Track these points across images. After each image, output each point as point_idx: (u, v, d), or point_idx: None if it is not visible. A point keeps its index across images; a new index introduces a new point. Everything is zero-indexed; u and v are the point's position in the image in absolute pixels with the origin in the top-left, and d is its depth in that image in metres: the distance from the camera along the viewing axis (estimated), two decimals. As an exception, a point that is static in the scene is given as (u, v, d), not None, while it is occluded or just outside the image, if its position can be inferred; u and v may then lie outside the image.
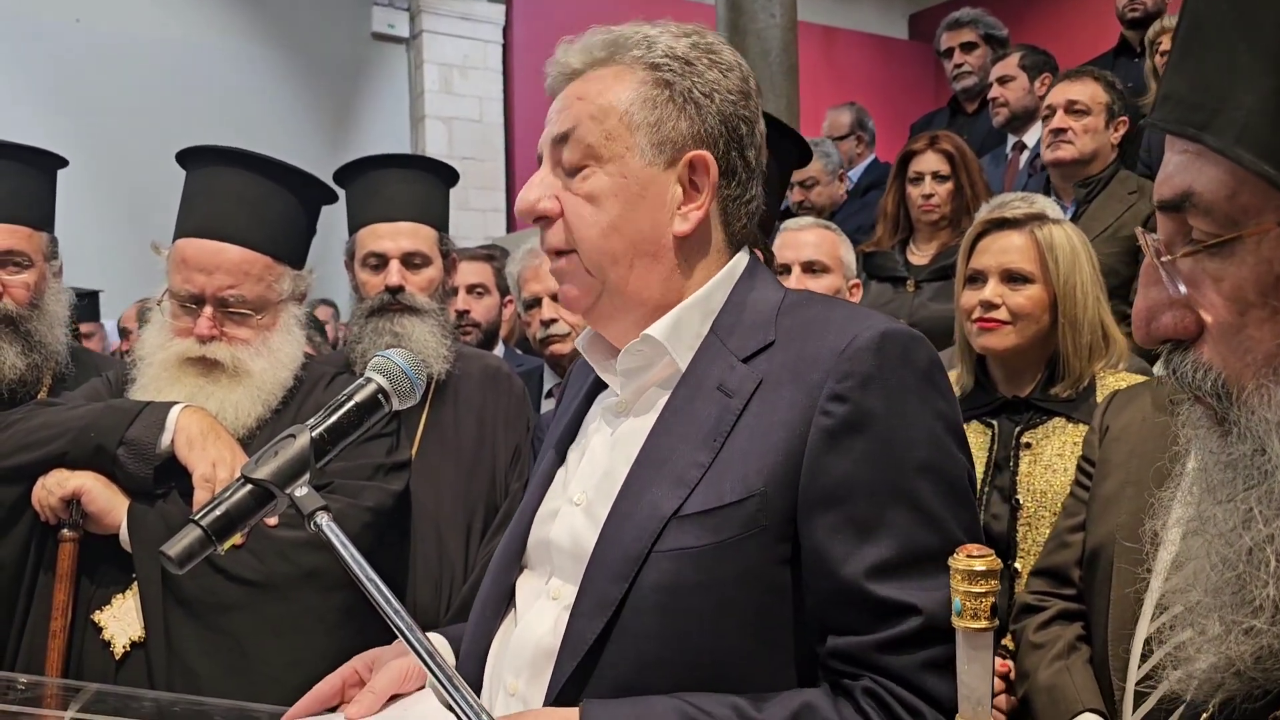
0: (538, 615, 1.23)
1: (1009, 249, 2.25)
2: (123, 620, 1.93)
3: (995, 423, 2.24)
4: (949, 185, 3.64)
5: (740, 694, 1.12)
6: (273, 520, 1.90)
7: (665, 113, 1.23)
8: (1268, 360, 0.78)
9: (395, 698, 1.31)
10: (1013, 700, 1.79)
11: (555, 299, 2.83)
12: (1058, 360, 2.23)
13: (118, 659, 1.91)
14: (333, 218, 2.43)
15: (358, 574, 1.06)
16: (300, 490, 1.10)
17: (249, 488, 1.10)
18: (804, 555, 1.15)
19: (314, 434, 1.13)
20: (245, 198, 2.13)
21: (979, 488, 2.13)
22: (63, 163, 2.61)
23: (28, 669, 1.90)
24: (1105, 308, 2.25)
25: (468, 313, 3.64)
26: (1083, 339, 2.20)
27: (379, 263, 2.56)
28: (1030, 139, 4.77)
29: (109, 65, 7.60)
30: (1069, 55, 5.42)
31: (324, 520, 1.08)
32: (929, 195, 3.64)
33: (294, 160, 2.24)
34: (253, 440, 2.05)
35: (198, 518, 1.08)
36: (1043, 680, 1.70)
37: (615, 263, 1.24)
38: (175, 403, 1.99)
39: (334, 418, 1.15)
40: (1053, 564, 1.84)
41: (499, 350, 3.81)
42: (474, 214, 8.61)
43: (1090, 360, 2.21)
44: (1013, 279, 2.23)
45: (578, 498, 1.26)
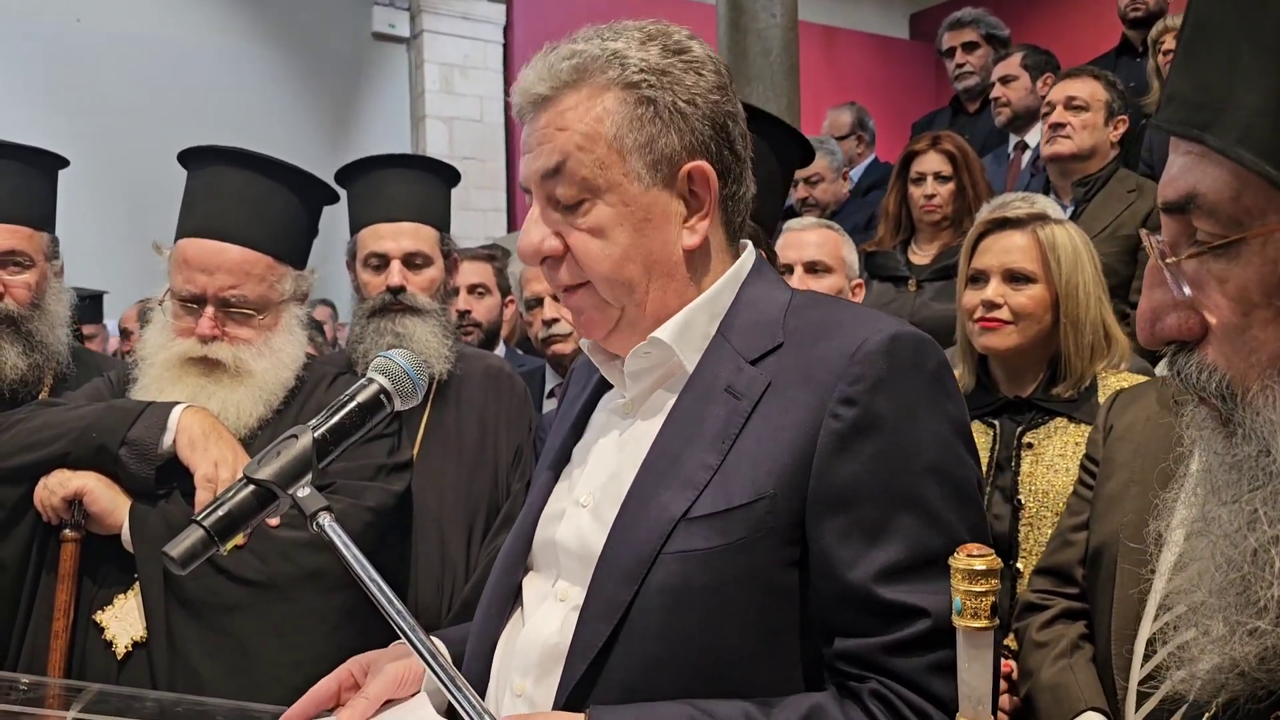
0: (545, 616, 1.22)
1: (1011, 249, 2.25)
2: (125, 620, 1.93)
3: (997, 423, 2.23)
4: (951, 185, 3.64)
5: (745, 695, 1.11)
6: (275, 521, 1.90)
7: (654, 130, 1.19)
8: (1272, 361, 0.78)
9: (389, 703, 1.29)
10: (1015, 701, 1.79)
11: (557, 299, 2.83)
12: (1059, 360, 2.23)
13: (120, 659, 1.91)
14: (332, 218, 2.43)
15: (360, 574, 1.06)
16: (302, 491, 1.11)
17: (251, 488, 1.10)
18: (811, 558, 1.14)
19: (316, 434, 1.13)
20: (246, 198, 2.13)
21: (980, 488, 2.13)
22: (64, 163, 2.61)
23: (30, 669, 1.90)
24: (1107, 308, 2.26)
25: (469, 313, 3.63)
26: (1084, 339, 2.20)
27: (380, 263, 2.56)
28: (1032, 139, 4.76)
29: (109, 65, 7.62)
30: (1071, 55, 5.42)
31: (326, 521, 1.08)
32: (931, 195, 3.64)
33: (294, 160, 2.24)
34: (254, 440, 2.05)
35: (200, 518, 1.09)
36: (1046, 679, 1.70)
37: (633, 289, 1.23)
38: (177, 403, 1.99)
39: (336, 418, 1.16)
40: (1056, 563, 1.84)
41: (500, 350, 3.80)
42: (475, 214, 8.61)
43: (1092, 360, 2.21)
44: (1015, 279, 2.23)
45: (584, 499, 1.26)
